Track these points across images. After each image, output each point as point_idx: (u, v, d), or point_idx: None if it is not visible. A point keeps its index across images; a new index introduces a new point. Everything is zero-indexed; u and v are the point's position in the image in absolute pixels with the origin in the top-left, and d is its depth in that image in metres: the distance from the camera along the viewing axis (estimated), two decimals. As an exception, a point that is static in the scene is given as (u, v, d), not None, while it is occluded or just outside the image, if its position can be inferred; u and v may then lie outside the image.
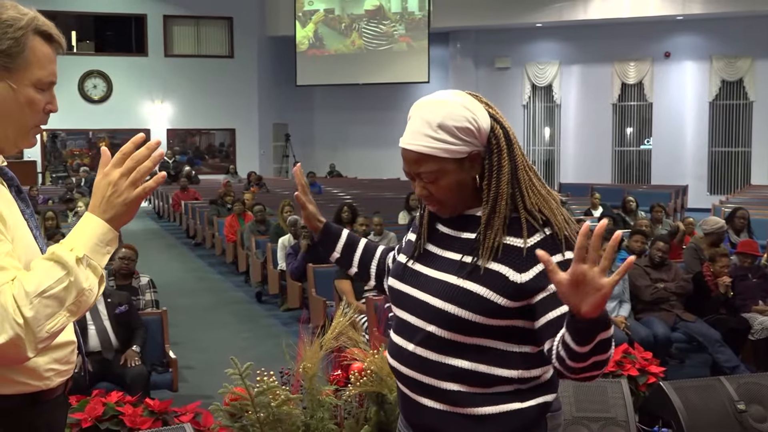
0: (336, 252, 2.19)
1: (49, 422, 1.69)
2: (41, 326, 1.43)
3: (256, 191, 14.68)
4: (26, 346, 1.43)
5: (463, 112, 1.72)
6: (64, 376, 1.69)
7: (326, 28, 20.45)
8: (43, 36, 1.62)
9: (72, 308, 1.48)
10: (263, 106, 21.01)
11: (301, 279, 7.51)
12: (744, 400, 3.98)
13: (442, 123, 1.71)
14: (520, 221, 1.75)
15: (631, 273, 6.25)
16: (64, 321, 1.47)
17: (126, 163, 1.57)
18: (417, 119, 1.75)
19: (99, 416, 3.53)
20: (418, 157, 1.74)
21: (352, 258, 2.18)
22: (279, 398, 3.37)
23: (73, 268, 1.47)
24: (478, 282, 1.74)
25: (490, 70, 20.31)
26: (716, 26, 17.81)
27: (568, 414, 3.77)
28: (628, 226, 9.40)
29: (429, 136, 1.72)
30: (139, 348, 5.01)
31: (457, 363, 1.76)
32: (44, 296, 1.43)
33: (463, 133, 1.71)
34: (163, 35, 20.41)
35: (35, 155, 18.56)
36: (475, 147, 1.74)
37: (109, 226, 1.55)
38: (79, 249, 1.50)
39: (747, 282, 6.23)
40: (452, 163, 1.73)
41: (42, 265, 1.48)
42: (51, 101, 1.66)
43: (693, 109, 18.64)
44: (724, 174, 18.77)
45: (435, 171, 1.73)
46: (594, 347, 1.53)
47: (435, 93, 1.81)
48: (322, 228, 2.20)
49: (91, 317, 4.97)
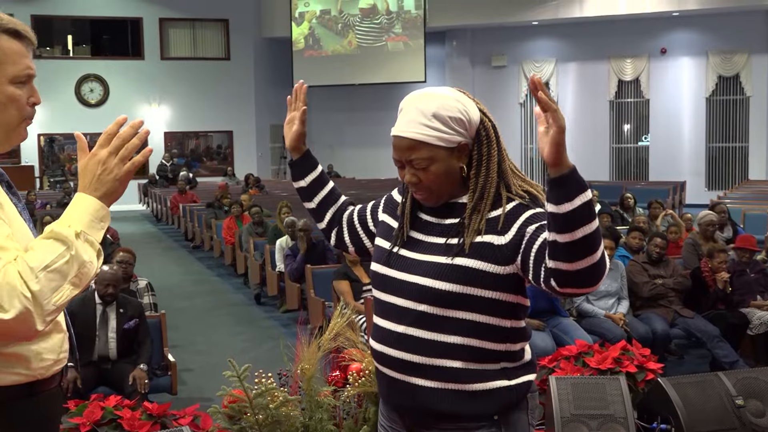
0: (304, 181, 2.26)
1: (46, 413, 1.73)
2: (48, 299, 1.49)
3: (255, 193, 14.68)
4: (35, 319, 1.48)
5: (455, 103, 1.83)
6: (58, 365, 1.73)
7: (322, 28, 20.44)
8: (10, 33, 1.65)
9: (75, 281, 1.54)
10: (260, 108, 21.01)
11: (300, 280, 7.50)
12: (742, 395, 3.98)
13: (436, 112, 1.81)
14: (501, 199, 1.86)
15: (630, 270, 6.25)
16: (69, 294, 1.53)
17: (113, 141, 1.63)
18: (411, 109, 1.85)
19: (97, 420, 3.53)
20: (411, 144, 1.83)
21: (317, 193, 2.26)
22: (277, 400, 3.37)
23: (73, 242, 1.54)
24: (466, 257, 1.83)
25: (486, 69, 20.30)
26: (712, 22, 17.82)
27: (567, 411, 3.77)
28: (626, 223, 9.41)
29: (423, 125, 1.82)
30: (146, 366, 4.87)
31: (450, 339, 1.85)
32: (48, 270, 1.49)
33: (455, 122, 1.82)
34: (159, 38, 20.40)
35: (33, 160, 18.55)
36: (464, 138, 1.84)
37: (101, 203, 1.61)
38: (76, 225, 1.57)
39: (745, 277, 6.23)
40: (443, 151, 1.83)
41: (42, 243, 1.54)
42: (33, 94, 1.70)
43: (690, 105, 18.65)
44: (721, 170, 18.77)
45: (427, 158, 1.83)
46: (576, 210, 1.58)
47: (425, 88, 1.92)
48: (303, 152, 2.25)
49: (99, 326, 4.92)
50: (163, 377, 5.12)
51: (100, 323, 4.92)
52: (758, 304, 6.07)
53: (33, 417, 1.67)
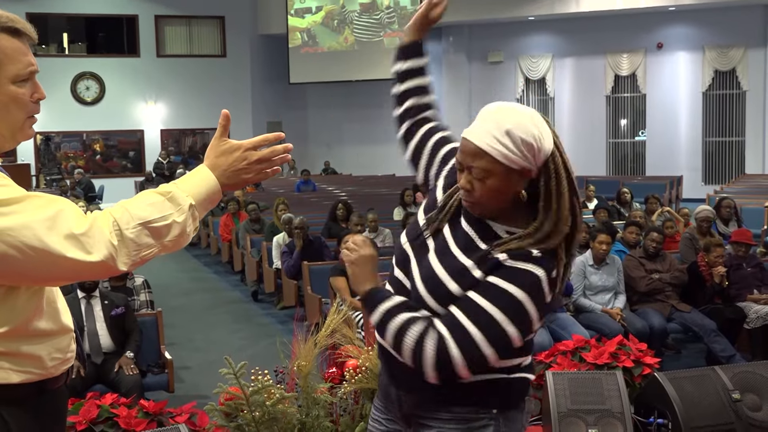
0: (405, 63, 2.21)
1: (54, 411, 1.77)
2: (136, 251, 1.57)
3: (252, 191, 14.67)
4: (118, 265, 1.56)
5: (531, 128, 1.80)
6: (66, 365, 1.77)
7: (318, 25, 20.42)
8: (9, 32, 1.64)
9: (169, 245, 1.61)
10: (257, 105, 20.97)
11: (297, 277, 7.50)
12: (739, 390, 3.98)
13: (509, 130, 1.78)
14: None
15: (626, 264, 6.26)
16: (157, 252, 1.60)
17: (266, 151, 1.74)
18: (489, 119, 1.82)
19: (94, 419, 3.52)
20: (477, 151, 1.81)
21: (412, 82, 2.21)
22: (274, 397, 3.37)
23: (185, 211, 1.62)
24: (465, 288, 1.84)
25: (483, 65, 20.29)
26: (708, 16, 17.81)
27: (564, 406, 3.77)
28: (623, 218, 9.41)
29: (495, 137, 1.79)
30: (133, 354, 4.93)
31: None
32: (147, 226, 1.57)
33: (524, 145, 1.78)
34: (155, 35, 20.35)
35: (29, 158, 18.51)
36: (528, 164, 1.80)
37: (220, 188, 1.70)
38: (192, 198, 1.64)
39: (742, 271, 6.23)
40: (503, 169, 1.80)
41: (154, 198, 1.61)
42: (36, 90, 1.70)
43: (686, 100, 18.65)
44: (718, 164, 18.78)
45: (486, 169, 1.80)
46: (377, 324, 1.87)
47: (511, 103, 1.89)
48: (421, 41, 2.22)
49: (86, 318, 4.95)
50: (159, 375, 5.12)
51: (87, 315, 4.95)
52: (755, 298, 6.08)
53: (42, 414, 1.71)
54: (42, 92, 1.70)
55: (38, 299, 1.67)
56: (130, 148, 20.25)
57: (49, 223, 1.52)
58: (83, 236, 1.53)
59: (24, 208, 1.53)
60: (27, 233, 1.50)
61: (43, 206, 1.54)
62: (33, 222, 1.51)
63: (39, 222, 1.51)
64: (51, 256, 1.51)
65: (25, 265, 1.52)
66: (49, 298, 1.72)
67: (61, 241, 1.51)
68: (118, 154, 20.21)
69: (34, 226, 1.51)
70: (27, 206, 1.53)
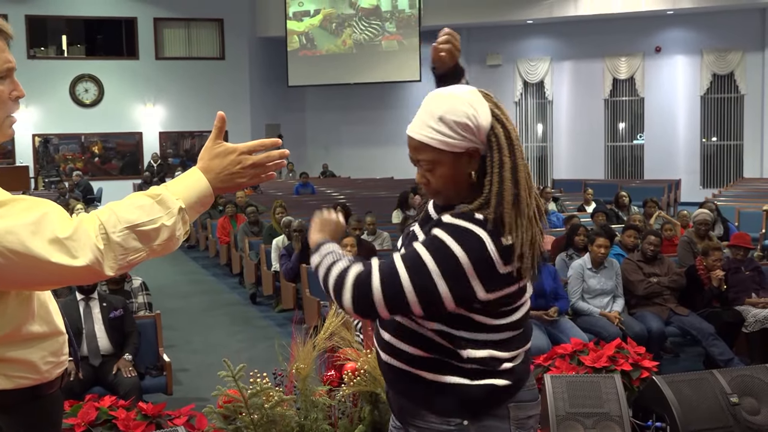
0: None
1: (49, 416, 1.74)
2: (123, 256, 1.53)
3: (250, 193, 14.66)
4: (104, 270, 1.51)
5: (465, 108, 1.79)
6: (60, 368, 1.74)
7: (317, 28, 20.43)
8: None
9: (157, 248, 1.57)
10: (255, 108, 20.96)
11: (295, 280, 7.50)
12: (737, 393, 3.99)
13: (442, 116, 1.78)
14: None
15: (625, 268, 6.26)
16: (145, 256, 1.56)
17: (261, 156, 1.70)
18: (423, 110, 1.83)
19: (92, 421, 3.52)
20: (417, 144, 1.82)
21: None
22: (272, 399, 3.37)
23: (174, 215, 1.57)
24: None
25: (481, 68, 20.29)
26: (706, 20, 17.84)
27: (562, 410, 3.77)
28: (621, 221, 9.42)
29: (430, 127, 1.79)
30: (131, 356, 4.94)
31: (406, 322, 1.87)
32: (134, 230, 1.53)
33: (460, 128, 1.77)
34: (154, 38, 20.34)
35: (27, 160, 18.49)
36: (473, 143, 1.79)
37: (212, 192, 1.66)
38: (183, 201, 1.60)
39: (740, 275, 6.24)
40: (448, 156, 1.79)
41: (143, 200, 1.57)
42: (15, 88, 1.66)
43: (684, 103, 18.67)
44: (716, 167, 18.80)
45: (431, 161, 1.81)
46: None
47: (450, 87, 1.89)
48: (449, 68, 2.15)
49: (84, 320, 4.94)
50: (158, 377, 5.11)
51: (85, 317, 4.95)
52: (753, 302, 6.08)
53: (37, 420, 1.68)
54: (21, 90, 1.66)
55: (29, 303, 1.64)
56: (129, 150, 20.23)
57: (33, 227, 1.48)
58: (68, 240, 1.49)
59: (7, 212, 1.49)
60: (10, 238, 1.47)
61: (27, 210, 1.50)
62: (16, 227, 1.48)
63: (23, 226, 1.48)
64: (35, 261, 1.48)
65: (10, 270, 1.49)
66: (41, 299, 1.69)
67: (45, 246, 1.48)
68: (117, 156, 20.19)
69: (18, 231, 1.47)
70: (10, 210, 1.50)
